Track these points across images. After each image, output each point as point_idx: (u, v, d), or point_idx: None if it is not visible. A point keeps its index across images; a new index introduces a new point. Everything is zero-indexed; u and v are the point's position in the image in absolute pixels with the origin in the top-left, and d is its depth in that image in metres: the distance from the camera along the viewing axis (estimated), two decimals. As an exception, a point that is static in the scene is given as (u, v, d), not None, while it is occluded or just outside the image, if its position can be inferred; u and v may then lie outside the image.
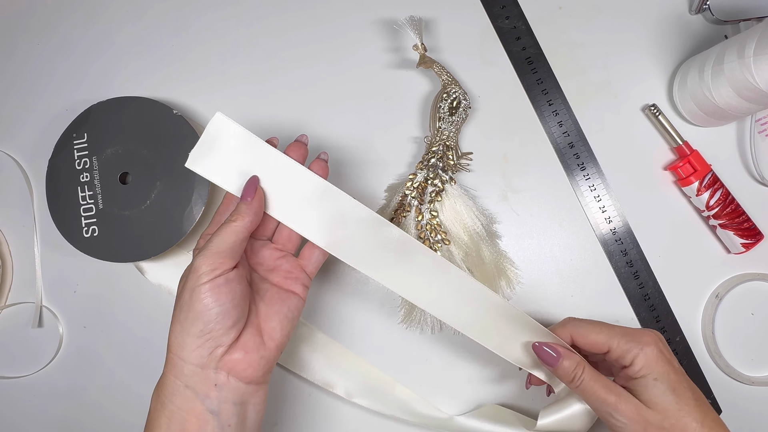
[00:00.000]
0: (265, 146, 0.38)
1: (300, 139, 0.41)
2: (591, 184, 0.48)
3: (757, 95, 0.41)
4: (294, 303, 0.38)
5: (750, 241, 0.46)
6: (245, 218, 0.36)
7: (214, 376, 0.34)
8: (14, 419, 0.50)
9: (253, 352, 0.35)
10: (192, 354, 0.34)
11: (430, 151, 0.47)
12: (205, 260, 0.34)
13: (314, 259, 0.40)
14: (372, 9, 0.51)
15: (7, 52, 0.53)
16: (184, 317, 0.34)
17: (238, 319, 0.35)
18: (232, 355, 0.34)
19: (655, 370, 0.35)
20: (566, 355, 0.37)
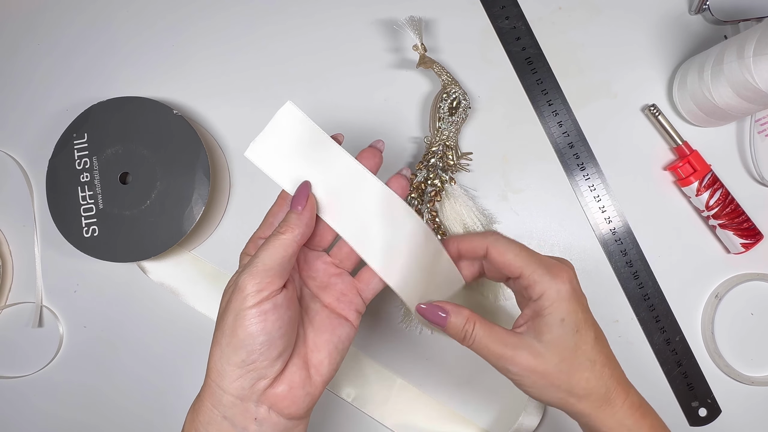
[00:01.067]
0: (334, 147, 0.34)
1: (375, 145, 0.37)
2: (591, 184, 0.48)
3: (756, 95, 0.41)
4: (345, 332, 0.35)
5: (749, 241, 0.46)
6: (295, 230, 0.32)
7: (254, 410, 0.31)
8: (14, 419, 0.50)
9: (298, 387, 0.32)
10: (232, 384, 0.31)
11: (429, 151, 0.47)
12: (252, 279, 0.30)
13: (373, 285, 0.36)
14: (372, 9, 0.51)
15: (7, 52, 0.53)
16: (226, 343, 0.31)
17: (284, 350, 0.31)
18: (276, 389, 0.31)
19: (562, 310, 0.32)
20: (454, 311, 0.33)
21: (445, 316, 0.33)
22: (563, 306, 0.32)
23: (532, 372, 0.32)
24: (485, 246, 0.34)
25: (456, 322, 0.33)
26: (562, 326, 0.32)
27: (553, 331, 0.32)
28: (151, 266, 0.49)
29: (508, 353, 0.32)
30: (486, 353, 0.33)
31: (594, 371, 0.32)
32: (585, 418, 0.33)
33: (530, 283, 0.32)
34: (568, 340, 0.32)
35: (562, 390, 0.32)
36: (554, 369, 0.32)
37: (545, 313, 0.32)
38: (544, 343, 0.32)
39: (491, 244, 0.34)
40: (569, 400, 0.32)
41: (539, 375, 0.32)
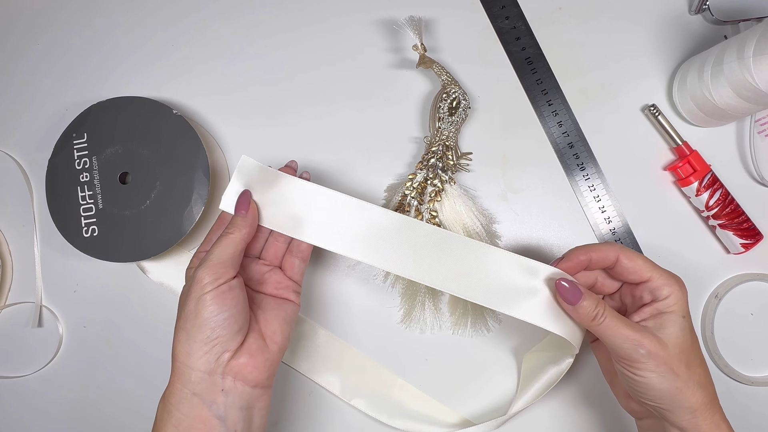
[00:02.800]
0: (286, 177, 0.40)
1: (290, 164, 0.43)
2: (590, 184, 0.48)
3: (756, 95, 0.41)
4: (290, 308, 0.40)
5: (749, 242, 0.46)
6: (242, 230, 0.37)
7: (221, 382, 0.35)
8: (14, 419, 0.50)
9: (257, 355, 0.36)
10: (199, 361, 0.35)
11: (429, 151, 0.47)
12: (208, 271, 0.35)
13: (297, 268, 0.41)
14: (372, 9, 0.51)
15: (6, 52, 0.53)
16: (190, 326, 0.35)
17: (243, 324, 0.36)
18: (239, 359, 0.36)
19: (684, 309, 0.36)
20: (587, 294, 0.36)
21: (579, 294, 0.36)
22: (685, 306, 0.36)
23: (657, 357, 0.34)
24: (617, 254, 0.38)
25: (588, 305, 0.36)
26: (683, 322, 0.36)
27: (677, 325, 0.35)
28: (151, 266, 0.49)
29: (636, 336, 0.35)
30: (613, 333, 0.35)
31: (705, 369, 0.36)
32: (688, 418, 0.35)
33: (659, 284, 0.36)
34: (687, 336, 0.36)
35: (681, 379, 0.34)
36: (676, 359, 0.34)
37: (670, 310, 0.36)
38: (667, 335, 0.35)
39: (622, 251, 0.38)
40: (685, 391, 0.34)
41: (662, 361, 0.34)
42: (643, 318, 0.37)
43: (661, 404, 0.35)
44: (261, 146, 0.50)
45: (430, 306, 0.48)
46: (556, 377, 0.43)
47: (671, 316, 0.36)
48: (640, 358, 0.34)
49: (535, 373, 0.44)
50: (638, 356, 0.34)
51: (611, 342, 0.35)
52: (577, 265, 0.39)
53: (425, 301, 0.47)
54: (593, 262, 0.38)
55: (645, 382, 0.35)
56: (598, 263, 0.38)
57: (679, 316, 0.36)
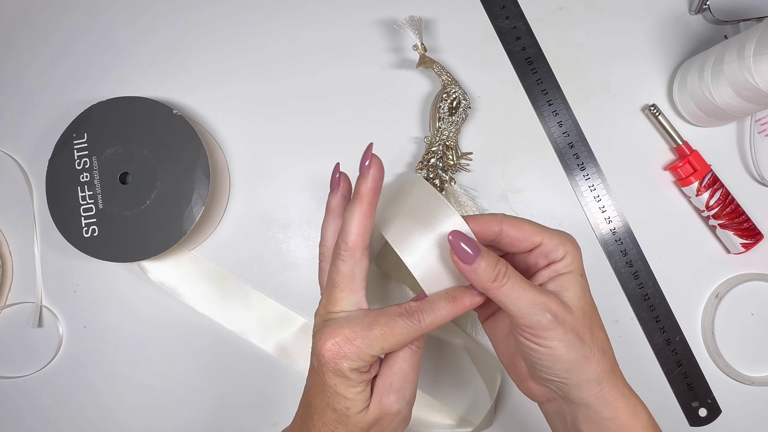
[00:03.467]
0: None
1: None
2: (591, 184, 0.48)
3: (756, 95, 0.41)
4: None
5: (750, 241, 0.46)
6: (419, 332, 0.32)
7: None
8: (14, 419, 0.50)
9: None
10: None
11: (429, 151, 0.47)
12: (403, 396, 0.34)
13: None
14: (372, 9, 0.51)
15: (6, 52, 0.53)
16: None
17: None
18: None
19: (580, 267, 0.33)
20: (486, 252, 0.31)
21: (474, 254, 0.31)
22: (581, 265, 0.33)
23: (564, 322, 0.30)
24: (499, 223, 0.33)
25: (489, 261, 0.31)
26: (582, 281, 0.32)
27: (577, 284, 0.32)
28: (151, 266, 0.49)
29: (542, 298, 0.31)
30: (518, 296, 0.31)
31: (605, 333, 0.33)
32: (594, 391, 0.31)
33: (553, 246, 0.32)
34: (588, 297, 0.33)
35: (586, 346, 0.31)
36: (581, 323, 0.31)
37: (568, 270, 0.32)
38: (569, 297, 0.32)
39: (505, 220, 0.33)
40: (591, 359, 0.31)
41: (569, 326, 0.31)
42: (541, 282, 0.33)
43: (567, 378, 0.31)
44: (261, 146, 0.50)
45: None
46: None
47: (570, 276, 0.32)
48: (547, 325, 0.30)
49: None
50: (546, 322, 0.30)
51: (514, 308, 0.31)
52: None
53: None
54: (477, 235, 0.33)
55: (551, 354, 0.31)
56: (482, 234, 0.33)
57: (577, 275, 0.32)
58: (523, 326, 0.31)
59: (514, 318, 0.31)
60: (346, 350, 0.31)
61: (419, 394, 0.47)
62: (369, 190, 0.33)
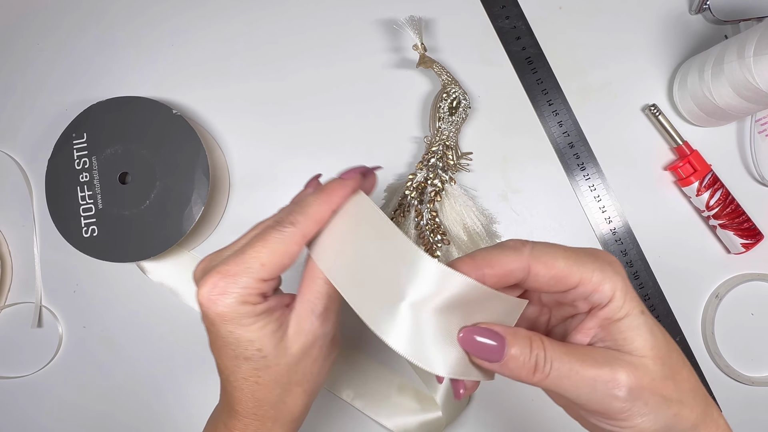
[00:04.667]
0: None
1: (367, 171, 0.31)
2: (591, 184, 0.48)
3: (757, 95, 0.41)
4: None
5: (750, 241, 0.46)
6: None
7: None
8: (14, 419, 0.50)
9: None
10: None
11: (429, 151, 0.47)
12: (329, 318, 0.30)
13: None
14: (372, 9, 0.51)
15: (6, 52, 0.53)
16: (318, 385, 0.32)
17: None
18: None
19: (636, 300, 0.25)
20: (510, 333, 0.24)
21: (499, 344, 0.24)
22: (636, 296, 0.25)
23: (642, 391, 0.24)
24: (525, 262, 0.25)
25: (518, 353, 0.24)
26: (647, 319, 0.25)
27: (642, 330, 0.25)
28: (151, 266, 0.49)
29: (606, 373, 0.24)
30: (572, 382, 0.24)
31: (690, 369, 0.26)
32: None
33: (595, 286, 0.25)
34: (660, 338, 0.25)
35: (674, 402, 0.25)
36: (660, 377, 0.24)
37: (624, 314, 0.25)
38: (639, 350, 0.25)
39: (534, 259, 0.25)
40: (683, 412, 0.25)
41: (649, 392, 0.24)
42: (591, 339, 0.26)
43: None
44: (261, 146, 0.50)
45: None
46: None
47: (629, 321, 0.25)
48: (623, 406, 0.24)
49: None
50: (620, 405, 0.24)
51: (574, 395, 0.24)
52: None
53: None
54: (492, 282, 0.25)
55: (637, 430, 0.24)
56: (501, 281, 0.26)
57: (637, 315, 0.25)
58: (592, 412, 0.25)
59: (578, 405, 0.25)
60: (223, 285, 0.26)
61: (385, 371, 0.48)
62: (342, 187, 0.28)
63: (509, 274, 0.25)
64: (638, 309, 0.25)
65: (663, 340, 0.25)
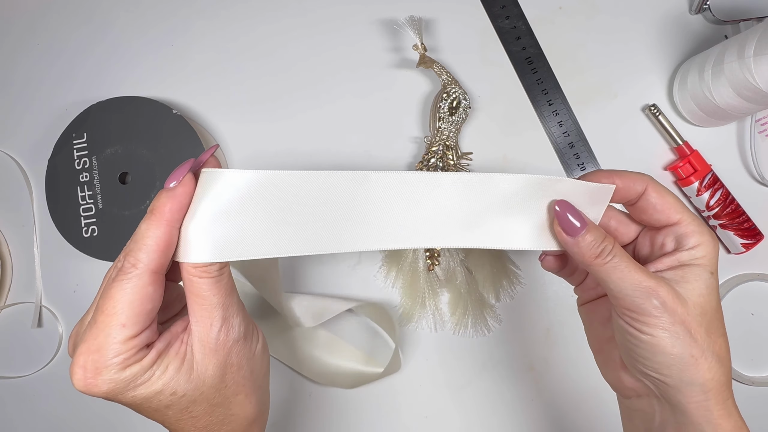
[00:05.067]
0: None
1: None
2: (591, 184, 0.48)
3: (757, 95, 0.41)
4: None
5: (750, 242, 0.46)
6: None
7: None
8: (14, 419, 0.50)
9: None
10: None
11: (430, 151, 0.47)
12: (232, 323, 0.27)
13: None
14: (372, 9, 0.51)
15: (6, 52, 0.53)
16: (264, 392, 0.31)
17: None
18: None
19: (714, 264, 0.29)
20: (592, 226, 0.29)
21: (580, 226, 0.28)
22: (715, 261, 0.29)
23: (673, 312, 0.27)
24: (645, 184, 0.30)
25: (594, 235, 0.28)
26: (711, 280, 0.28)
27: (702, 280, 0.28)
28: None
29: (651, 282, 0.27)
30: (621, 276, 0.28)
31: (726, 342, 0.29)
32: (698, 399, 0.28)
33: (690, 231, 0.29)
34: (714, 297, 0.28)
35: (698, 345, 0.27)
36: (696, 320, 0.27)
37: (697, 263, 0.28)
38: (689, 291, 0.28)
39: (651, 183, 0.30)
40: (701, 361, 0.27)
41: (679, 318, 0.27)
42: (659, 269, 0.29)
43: (667, 376, 0.28)
44: (260, 147, 0.50)
45: (430, 305, 0.47)
46: None
47: (697, 270, 0.28)
48: (652, 310, 0.27)
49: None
50: (650, 307, 0.27)
51: (616, 288, 0.28)
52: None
53: (425, 301, 0.47)
54: (615, 192, 0.30)
55: (654, 342, 0.27)
56: (621, 193, 0.30)
57: (706, 271, 0.28)
58: (624, 308, 0.28)
59: (615, 299, 0.28)
60: (92, 365, 0.24)
61: (327, 335, 0.48)
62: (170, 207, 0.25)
63: (630, 188, 0.30)
64: (711, 268, 0.28)
65: (714, 304, 0.28)
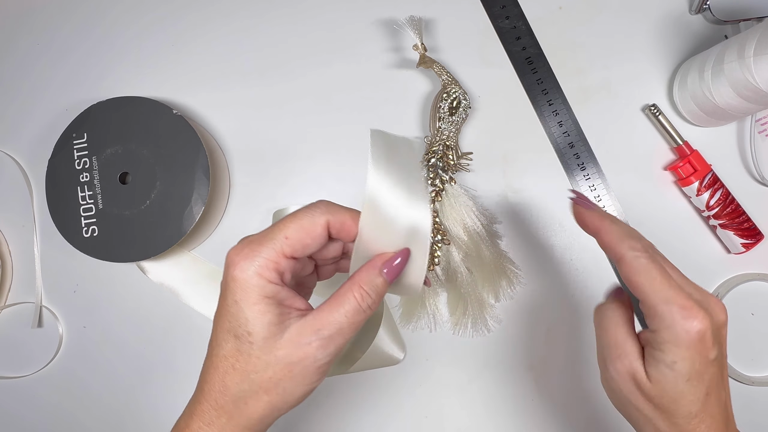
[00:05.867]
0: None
1: None
2: (591, 184, 0.48)
3: (757, 95, 0.41)
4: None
5: (750, 241, 0.46)
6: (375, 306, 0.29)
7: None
8: (14, 419, 0.50)
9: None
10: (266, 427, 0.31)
11: (430, 151, 0.47)
12: (333, 357, 0.28)
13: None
14: (372, 9, 0.51)
15: (7, 53, 0.53)
16: (288, 407, 0.30)
17: None
18: None
19: (675, 354, 0.28)
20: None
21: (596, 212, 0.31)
22: (679, 351, 0.28)
23: (631, 378, 0.29)
24: (620, 255, 0.30)
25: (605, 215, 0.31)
26: (671, 369, 0.28)
27: (661, 370, 0.28)
28: (151, 266, 0.49)
29: (624, 339, 0.30)
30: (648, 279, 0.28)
31: (689, 425, 0.29)
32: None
33: (651, 313, 0.28)
34: (672, 386, 0.28)
35: (704, 383, 0.28)
36: (651, 394, 0.29)
37: (657, 348, 0.28)
38: (649, 373, 0.29)
39: (624, 260, 0.29)
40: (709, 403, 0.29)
41: (634, 384, 0.29)
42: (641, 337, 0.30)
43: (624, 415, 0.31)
44: (261, 146, 0.50)
45: (430, 305, 0.47)
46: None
47: (656, 355, 0.28)
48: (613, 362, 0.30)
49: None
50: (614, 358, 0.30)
51: (647, 286, 0.28)
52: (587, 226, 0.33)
53: (425, 301, 0.47)
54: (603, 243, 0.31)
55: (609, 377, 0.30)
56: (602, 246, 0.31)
57: (666, 360, 0.28)
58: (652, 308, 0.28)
59: (644, 295, 0.29)
60: (247, 252, 0.27)
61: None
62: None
63: (608, 249, 0.31)
64: (671, 358, 0.28)
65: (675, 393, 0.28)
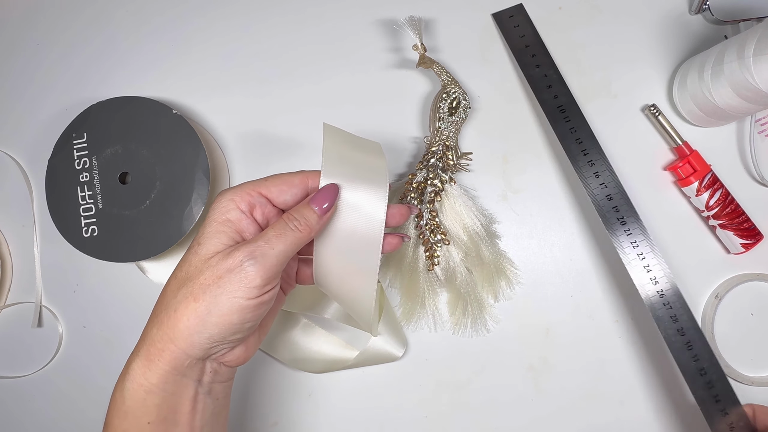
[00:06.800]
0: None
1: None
2: (633, 240, 0.48)
3: (756, 95, 0.41)
4: (282, 299, 0.39)
5: (750, 242, 0.46)
6: (312, 233, 0.33)
7: (209, 365, 0.34)
8: (14, 419, 0.50)
9: (252, 345, 0.35)
10: (200, 352, 0.32)
11: (429, 151, 0.47)
12: (263, 273, 0.31)
13: (309, 274, 0.39)
14: (372, 9, 0.51)
15: (6, 52, 0.53)
16: (214, 323, 0.31)
17: (256, 327, 0.34)
18: (235, 351, 0.34)
19: None
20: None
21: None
22: None
23: None
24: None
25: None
26: None
27: None
28: (151, 266, 0.49)
29: None
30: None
31: None
32: None
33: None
34: None
35: None
36: None
37: None
38: None
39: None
40: None
41: None
42: None
43: None
44: (261, 146, 0.50)
45: (430, 305, 0.47)
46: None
47: None
48: None
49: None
50: None
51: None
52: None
53: (425, 301, 0.47)
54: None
55: None
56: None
57: None
58: None
59: None
60: (234, 187, 0.34)
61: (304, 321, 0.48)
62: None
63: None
64: None
65: None
